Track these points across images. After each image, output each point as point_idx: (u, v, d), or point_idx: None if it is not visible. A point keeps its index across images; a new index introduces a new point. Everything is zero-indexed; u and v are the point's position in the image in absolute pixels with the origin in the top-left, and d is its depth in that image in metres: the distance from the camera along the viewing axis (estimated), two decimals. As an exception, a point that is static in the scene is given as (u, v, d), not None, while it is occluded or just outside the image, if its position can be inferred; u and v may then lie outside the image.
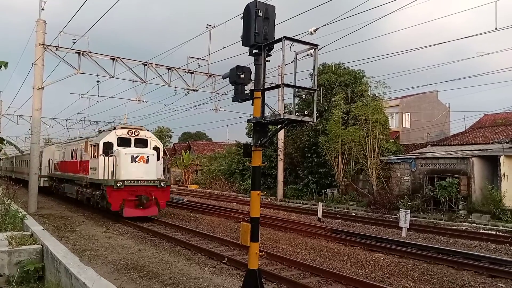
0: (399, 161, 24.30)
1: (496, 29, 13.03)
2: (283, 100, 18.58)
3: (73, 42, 19.58)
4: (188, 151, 55.54)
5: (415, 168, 23.13)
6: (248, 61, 7.37)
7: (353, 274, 9.47)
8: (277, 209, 24.46)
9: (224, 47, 19.20)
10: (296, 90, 6.70)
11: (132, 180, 17.02)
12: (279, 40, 6.40)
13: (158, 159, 18.91)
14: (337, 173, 27.63)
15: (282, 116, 6.28)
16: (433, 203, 21.40)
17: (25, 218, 11.60)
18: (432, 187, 21.57)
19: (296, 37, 6.95)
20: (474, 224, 17.80)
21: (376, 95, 28.44)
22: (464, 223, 18.17)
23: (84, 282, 5.37)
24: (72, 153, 23.75)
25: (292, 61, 6.81)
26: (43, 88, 20.85)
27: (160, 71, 22.52)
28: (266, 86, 6.82)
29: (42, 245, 8.47)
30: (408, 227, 15.01)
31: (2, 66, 7.50)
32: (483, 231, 16.35)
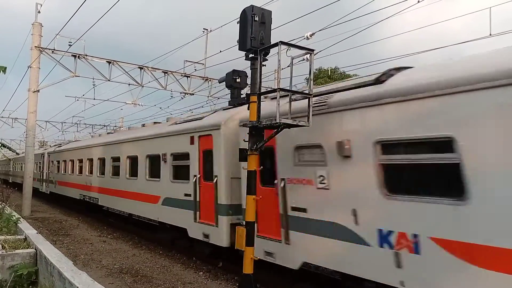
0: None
1: (490, 35, 13.11)
2: (279, 104, 18.58)
3: (69, 45, 19.55)
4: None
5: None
6: (244, 65, 7.38)
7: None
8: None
9: (220, 51, 19.25)
10: (292, 94, 6.71)
11: None
12: (275, 44, 6.42)
13: None
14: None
15: (278, 121, 6.28)
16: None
17: (19, 221, 11.53)
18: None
19: (292, 42, 6.98)
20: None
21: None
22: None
23: (78, 287, 5.35)
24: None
25: (288, 66, 6.83)
26: (38, 91, 20.77)
27: (156, 74, 22.52)
28: (262, 90, 6.83)
29: (35, 249, 8.42)
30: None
31: (1, 71, 7.49)
32: None
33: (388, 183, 5.66)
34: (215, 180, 9.35)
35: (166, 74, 22.78)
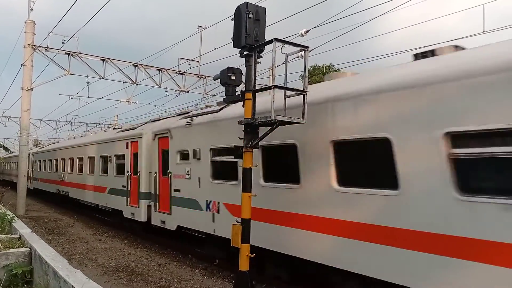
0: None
1: (484, 31, 13.15)
2: (273, 101, 18.57)
3: (62, 43, 19.43)
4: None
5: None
6: (239, 62, 7.37)
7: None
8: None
9: (215, 48, 19.18)
10: (287, 91, 6.71)
11: None
12: (270, 41, 6.41)
13: None
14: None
15: (273, 118, 6.28)
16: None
17: (13, 220, 11.47)
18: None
19: (287, 39, 6.99)
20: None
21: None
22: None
23: (73, 285, 5.33)
24: None
25: (283, 63, 6.83)
26: (32, 89, 20.62)
27: (150, 72, 22.42)
28: (257, 88, 6.83)
29: (30, 248, 8.39)
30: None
31: None
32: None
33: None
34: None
35: (160, 71, 22.70)
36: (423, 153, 5.32)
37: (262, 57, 6.93)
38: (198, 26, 21.55)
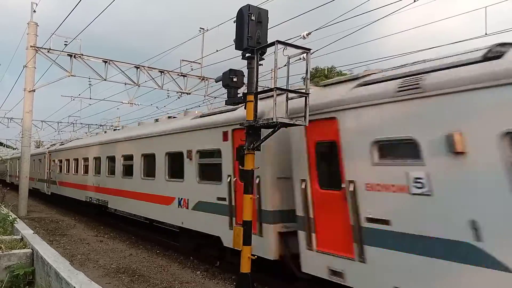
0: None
1: (486, 34, 13.16)
2: (275, 103, 18.57)
3: (65, 44, 19.46)
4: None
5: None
6: (241, 64, 7.39)
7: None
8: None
9: (217, 51, 19.21)
10: (289, 94, 6.72)
11: None
12: (272, 44, 6.42)
13: None
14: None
15: (275, 120, 6.28)
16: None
17: (15, 221, 11.47)
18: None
19: (289, 41, 6.99)
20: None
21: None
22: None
23: (74, 287, 5.34)
24: None
25: (285, 65, 6.84)
26: (34, 90, 20.68)
27: (152, 74, 22.45)
28: (259, 90, 6.84)
29: (32, 249, 8.39)
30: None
31: None
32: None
33: None
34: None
35: (162, 73, 22.73)
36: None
37: (264, 59, 6.94)
38: (200, 28, 21.61)
